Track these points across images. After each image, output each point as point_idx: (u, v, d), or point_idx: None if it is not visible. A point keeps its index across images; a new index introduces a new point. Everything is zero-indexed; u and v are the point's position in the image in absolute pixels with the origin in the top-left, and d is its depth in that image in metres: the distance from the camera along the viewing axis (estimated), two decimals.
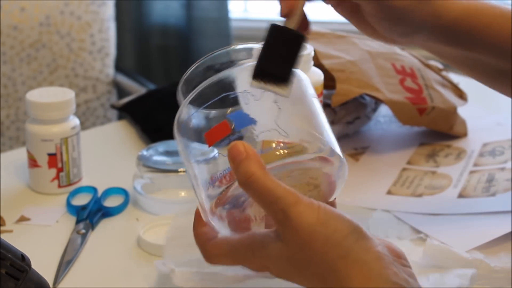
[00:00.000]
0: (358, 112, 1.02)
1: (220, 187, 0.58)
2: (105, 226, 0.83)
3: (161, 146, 0.90)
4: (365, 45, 1.03)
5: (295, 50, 0.61)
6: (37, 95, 0.88)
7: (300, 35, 0.62)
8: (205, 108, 0.60)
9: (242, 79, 0.60)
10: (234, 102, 0.59)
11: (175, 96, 0.63)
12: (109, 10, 1.67)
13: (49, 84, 1.63)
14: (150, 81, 1.85)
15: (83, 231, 0.80)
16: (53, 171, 0.88)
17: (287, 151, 0.58)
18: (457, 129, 1.03)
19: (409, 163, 0.96)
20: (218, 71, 0.61)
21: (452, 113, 1.02)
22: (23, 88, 1.61)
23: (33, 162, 0.88)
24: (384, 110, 1.09)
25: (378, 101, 1.03)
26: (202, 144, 0.60)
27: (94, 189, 0.88)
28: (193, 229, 0.62)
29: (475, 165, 0.95)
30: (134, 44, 2.12)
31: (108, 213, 0.84)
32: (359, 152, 0.99)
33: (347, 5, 0.74)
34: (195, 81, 0.61)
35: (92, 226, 0.82)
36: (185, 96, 0.61)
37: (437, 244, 0.74)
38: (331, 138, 0.60)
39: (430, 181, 0.91)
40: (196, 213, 0.62)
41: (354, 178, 0.91)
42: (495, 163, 0.95)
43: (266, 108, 0.59)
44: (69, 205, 0.85)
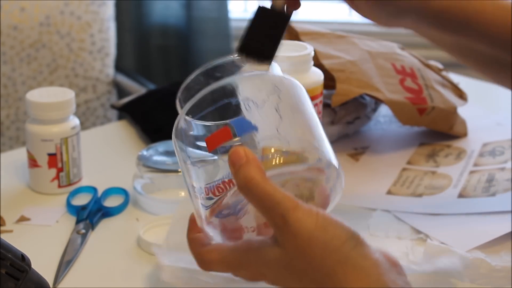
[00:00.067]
0: (358, 112, 1.02)
1: (216, 196, 0.58)
2: (105, 226, 0.83)
3: (161, 146, 0.90)
4: (365, 45, 1.03)
5: (278, 29, 0.65)
6: (37, 95, 0.88)
7: (284, 14, 0.66)
8: (204, 116, 0.60)
9: (244, 87, 0.60)
10: (233, 111, 0.60)
11: (175, 96, 0.63)
12: (109, 10, 1.67)
13: (49, 84, 1.63)
14: (150, 81, 1.85)
15: (83, 231, 0.80)
16: (53, 171, 0.88)
17: (283, 160, 0.58)
18: (457, 129, 1.03)
19: (409, 163, 0.96)
20: (218, 79, 0.61)
21: (452, 113, 1.02)
22: (23, 88, 1.61)
23: (33, 162, 0.88)
24: (384, 110, 1.09)
25: (378, 101, 1.03)
26: (200, 151, 0.60)
27: (94, 189, 0.88)
28: (187, 234, 0.62)
29: (475, 165, 0.95)
30: (134, 44, 2.12)
31: (108, 213, 0.84)
32: (359, 152, 0.99)
33: None
34: (195, 88, 0.62)
35: (92, 226, 0.82)
36: (184, 102, 0.61)
37: (437, 244, 0.74)
38: (329, 150, 0.60)
39: (430, 181, 0.91)
40: (191, 219, 0.62)
41: (354, 178, 0.92)
42: (495, 163, 0.95)
43: (267, 115, 0.59)
44: (69, 205, 0.85)
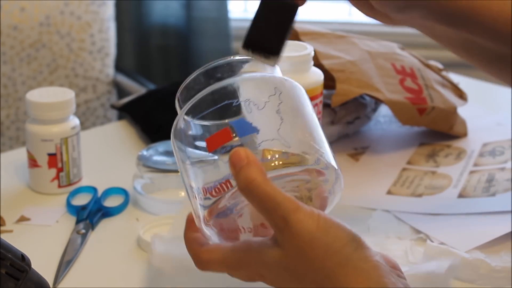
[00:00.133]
0: (358, 112, 1.02)
1: (214, 196, 0.58)
2: (105, 226, 0.83)
3: (161, 146, 0.90)
4: (365, 45, 1.03)
5: (285, 22, 0.61)
6: (37, 95, 0.88)
7: (291, 5, 0.61)
8: (203, 117, 0.60)
9: (245, 88, 0.60)
10: (233, 112, 0.59)
11: (175, 96, 0.63)
12: (109, 10, 1.67)
13: (49, 84, 1.63)
14: (150, 81, 1.85)
15: (83, 231, 0.80)
16: (53, 171, 0.88)
17: (283, 161, 0.58)
18: (457, 129, 1.03)
19: (409, 163, 0.96)
20: (218, 79, 0.61)
21: (452, 113, 1.02)
22: (23, 88, 1.61)
23: (33, 162, 0.88)
24: (384, 110, 1.09)
25: (378, 101, 1.03)
26: (199, 152, 0.60)
27: (94, 189, 0.88)
28: (184, 234, 0.62)
29: (475, 165, 0.95)
30: (134, 44, 2.12)
31: (108, 213, 0.84)
32: (359, 152, 0.99)
33: None
34: (194, 88, 0.61)
35: (92, 226, 0.82)
36: (184, 103, 0.61)
37: (436, 245, 0.74)
38: (329, 152, 0.60)
39: (430, 181, 0.91)
40: (188, 218, 0.62)
41: (354, 178, 0.92)
42: (495, 163, 0.95)
43: (268, 117, 0.59)
44: (69, 205, 0.85)
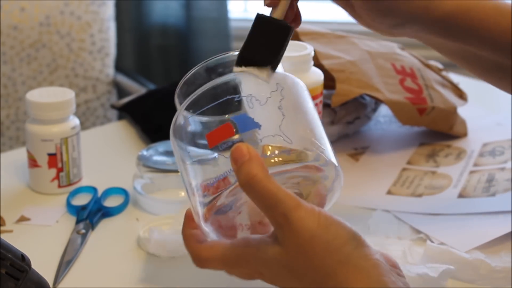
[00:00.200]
0: (358, 112, 1.02)
1: (213, 193, 0.58)
2: (105, 226, 0.83)
3: (161, 146, 0.90)
4: (365, 45, 1.03)
5: (279, 40, 0.62)
6: (37, 95, 0.88)
7: (284, 25, 0.62)
8: (202, 113, 0.60)
9: (246, 83, 0.60)
10: (233, 107, 0.59)
11: (174, 96, 0.63)
12: (109, 10, 1.67)
13: (49, 84, 1.63)
14: (150, 81, 1.85)
15: (83, 231, 0.80)
16: (53, 171, 0.88)
17: (284, 158, 0.58)
18: (457, 129, 1.03)
19: (409, 163, 0.96)
20: (219, 75, 0.61)
21: (452, 113, 1.02)
22: (23, 88, 1.61)
23: (33, 162, 0.88)
24: (384, 110, 1.09)
25: (378, 101, 1.03)
26: (198, 149, 0.60)
27: (94, 189, 0.88)
28: (183, 230, 0.61)
29: (475, 165, 0.95)
30: (134, 44, 2.12)
31: (108, 213, 0.84)
32: (359, 152, 0.99)
33: None
34: (196, 83, 0.61)
35: (92, 226, 0.82)
36: (184, 98, 0.61)
37: (436, 245, 0.74)
38: (329, 149, 0.60)
39: (430, 181, 0.91)
40: (186, 215, 0.62)
41: (354, 178, 0.92)
42: (495, 163, 0.95)
43: (270, 113, 0.59)
44: (69, 205, 0.85)
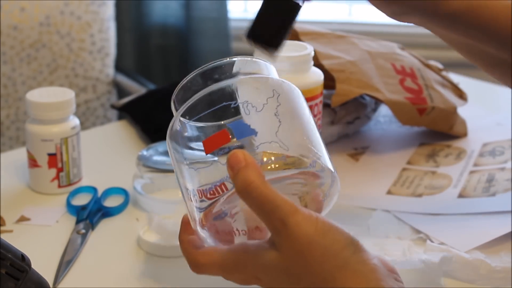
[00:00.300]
0: (358, 112, 1.02)
1: (210, 199, 0.58)
2: (105, 226, 0.83)
3: (161, 146, 0.90)
4: (365, 45, 1.03)
5: (287, 17, 0.64)
6: (37, 95, 0.88)
7: (294, 4, 0.64)
8: (199, 119, 0.60)
9: (243, 89, 0.60)
10: (230, 114, 0.59)
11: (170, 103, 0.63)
12: (109, 10, 1.67)
13: (49, 84, 1.63)
14: (150, 81, 1.85)
15: (83, 231, 0.80)
16: (53, 171, 0.88)
17: (280, 164, 0.58)
18: (457, 129, 1.03)
19: (409, 163, 0.96)
20: (215, 81, 0.61)
21: (452, 113, 1.02)
22: (23, 88, 1.61)
23: (33, 162, 0.88)
24: (384, 110, 1.09)
25: (378, 101, 1.03)
26: (195, 154, 0.60)
27: (94, 189, 0.88)
28: (179, 236, 0.61)
29: (475, 165, 0.95)
30: (134, 44, 2.12)
31: (108, 213, 0.84)
32: (359, 152, 0.99)
33: None
34: (191, 89, 0.61)
35: (92, 226, 0.82)
36: (180, 104, 0.61)
37: (436, 245, 0.74)
38: (325, 155, 0.60)
39: (430, 181, 0.91)
40: (183, 220, 0.62)
41: (354, 178, 0.92)
42: (495, 163, 0.95)
43: (266, 120, 0.59)
44: (69, 205, 0.85)
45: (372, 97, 0.97)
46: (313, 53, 0.85)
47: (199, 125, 0.60)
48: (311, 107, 0.78)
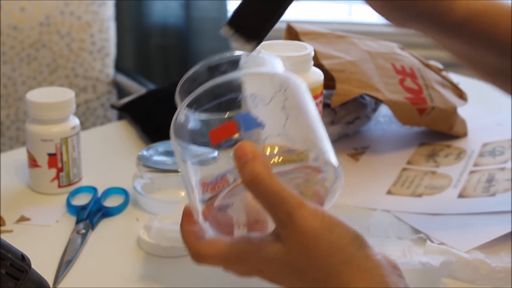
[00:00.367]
0: (358, 112, 1.02)
1: (213, 191, 0.58)
2: (105, 226, 0.83)
3: (161, 146, 0.90)
4: (365, 45, 1.03)
5: (274, 12, 0.61)
6: (37, 95, 0.88)
7: None
8: (204, 111, 0.60)
9: (250, 83, 0.60)
10: (235, 106, 0.59)
11: (174, 96, 0.63)
12: (109, 10, 1.67)
13: (49, 84, 1.63)
14: (150, 81, 1.85)
15: (83, 231, 0.80)
16: (53, 171, 0.88)
17: (285, 157, 0.58)
18: (457, 129, 1.03)
19: (409, 163, 0.96)
20: (222, 73, 0.60)
21: (452, 113, 1.02)
22: (23, 88, 1.61)
23: (33, 162, 0.88)
24: (384, 110, 1.09)
25: (378, 101, 1.03)
26: (199, 146, 0.60)
27: (94, 189, 0.88)
28: (181, 226, 0.61)
29: (475, 165, 0.95)
30: (134, 44, 2.12)
31: (108, 213, 0.84)
32: (359, 152, 0.99)
33: None
34: (197, 81, 0.61)
35: (92, 226, 0.82)
36: (185, 95, 0.61)
37: (436, 245, 0.74)
38: (330, 150, 0.60)
39: (430, 181, 0.91)
40: (185, 211, 0.62)
41: (354, 178, 0.92)
42: (495, 163, 0.95)
43: (274, 113, 0.59)
44: (69, 205, 0.85)
45: (372, 97, 0.97)
46: (313, 53, 0.85)
47: (205, 117, 0.60)
48: None
